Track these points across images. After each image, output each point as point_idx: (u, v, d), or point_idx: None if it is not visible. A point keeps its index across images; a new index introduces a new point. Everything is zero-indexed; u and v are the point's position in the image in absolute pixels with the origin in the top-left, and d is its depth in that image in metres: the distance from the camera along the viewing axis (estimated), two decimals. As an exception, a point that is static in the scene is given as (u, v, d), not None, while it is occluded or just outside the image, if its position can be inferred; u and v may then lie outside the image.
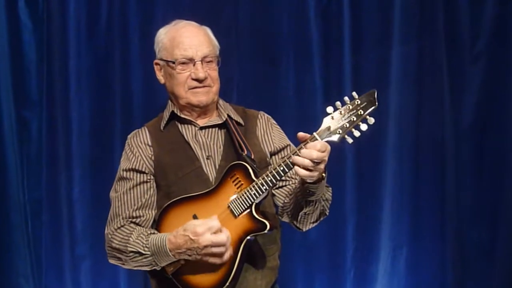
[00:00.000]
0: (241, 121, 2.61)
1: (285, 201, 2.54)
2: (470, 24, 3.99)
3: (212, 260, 2.36)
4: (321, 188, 2.38)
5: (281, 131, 2.68)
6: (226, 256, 2.36)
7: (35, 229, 3.93)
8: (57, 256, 3.93)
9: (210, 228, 2.33)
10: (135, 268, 2.49)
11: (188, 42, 2.53)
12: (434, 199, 4.03)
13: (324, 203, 2.50)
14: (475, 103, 4.02)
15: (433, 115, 4.00)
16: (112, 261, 2.54)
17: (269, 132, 2.63)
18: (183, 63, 2.52)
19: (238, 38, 3.94)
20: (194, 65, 2.51)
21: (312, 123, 4.18)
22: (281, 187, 2.58)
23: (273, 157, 2.60)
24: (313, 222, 2.53)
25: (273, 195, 2.58)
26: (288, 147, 2.62)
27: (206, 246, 2.33)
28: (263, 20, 3.95)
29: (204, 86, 2.53)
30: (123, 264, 2.49)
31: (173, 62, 2.53)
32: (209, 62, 2.54)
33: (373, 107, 2.28)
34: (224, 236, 2.33)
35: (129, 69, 3.92)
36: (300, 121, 3.84)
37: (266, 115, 2.69)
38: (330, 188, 2.53)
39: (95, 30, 3.91)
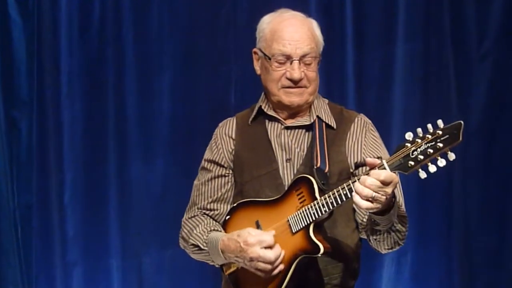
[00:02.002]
0: (333, 123, 2.46)
1: (364, 219, 2.38)
2: (477, 22, 3.95)
3: (258, 273, 2.30)
4: (386, 220, 2.21)
5: (377, 140, 2.48)
6: (274, 273, 2.29)
7: (25, 235, 3.90)
8: (48, 263, 3.91)
9: (261, 242, 2.27)
10: (200, 260, 2.50)
11: (288, 37, 2.41)
12: (440, 203, 3.99)
13: (394, 235, 2.31)
14: (482, 104, 3.98)
15: (439, 116, 3.75)
16: (182, 247, 2.56)
17: (360, 140, 2.45)
18: (280, 60, 2.41)
19: (236, 37, 3.90)
20: (291, 63, 2.40)
21: None
22: None
23: (360, 168, 2.36)
24: (388, 249, 2.38)
25: (354, 210, 2.42)
26: (380, 160, 2.33)
27: (252, 259, 2.28)
28: (262, 17, 3.81)
29: (298, 87, 2.41)
30: (190, 254, 2.52)
31: (269, 58, 2.42)
32: (308, 62, 2.42)
33: (455, 142, 2.05)
34: (272, 254, 2.26)
35: (123, 68, 3.91)
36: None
37: (364, 118, 2.51)
38: (406, 219, 2.33)
39: (88, 27, 3.90)
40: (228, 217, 2.46)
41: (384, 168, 2.07)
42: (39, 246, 3.89)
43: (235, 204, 2.46)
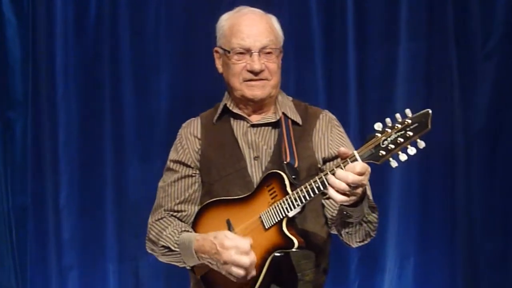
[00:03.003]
0: (299, 120, 2.51)
1: (333, 214, 2.43)
2: (481, 20, 3.93)
3: (229, 277, 2.31)
4: (358, 211, 2.26)
5: (343, 135, 2.55)
6: (245, 279, 2.30)
7: (20, 238, 3.88)
8: (43, 266, 3.89)
9: (237, 247, 2.28)
10: (168, 262, 2.50)
11: (246, 31, 2.45)
12: (443, 206, 3.98)
13: (366, 226, 2.36)
14: (486, 105, 3.96)
15: (442, 117, 3.90)
16: (149, 251, 2.56)
17: (327, 135, 2.51)
18: (240, 53, 2.45)
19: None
20: (250, 56, 2.44)
21: None
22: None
23: (327, 164, 2.47)
24: (359, 242, 2.42)
25: (323, 205, 2.48)
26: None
27: (226, 263, 2.29)
28: None
29: (260, 79, 2.45)
30: (158, 256, 2.52)
31: (229, 52, 2.46)
32: (268, 53, 2.45)
33: (424, 131, 2.10)
34: (248, 260, 2.27)
35: (120, 68, 3.89)
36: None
37: (329, 114, 2.58)
38: (376, 210, 2.40)
39: (84, 26, 3.88)
40: (197, 217, 2.47)
41: (356, 160, 2.13)
42: (34, 249, 3.87)
43: (204, 204, 2.46)
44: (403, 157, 2.11)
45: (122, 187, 3.90)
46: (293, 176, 2.35)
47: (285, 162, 2.38)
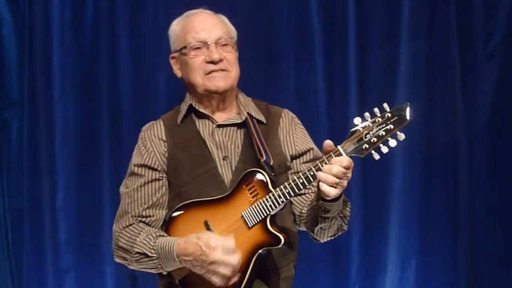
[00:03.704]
0: (263, 119, 2.54)
1: (302, 211, 2.49)
2: (484, 19, 3.94)
3: (214, 279, 2.30)
4: (337, 206, 2.32)
5: (305, 132, 2.62)
6: (231, 281, 2.31)
7: (16, 240, 3.87)
8: (40, 269, 3.87)
9: (223, 246, 2.28)
10: (141, 270, 2.45)
11: (200, 26, 2.50)
12: (445, 207, 3.97)
13: (341, 220, 2.44)
14: (489, 104, 3.96)
15: (444, 116, 3.95)
16: (118, 260, 2.49)
17: (291, 133, 2.56)
18: (197, 47, 2.47)
19: (235, 35, 3.88)
20: (207, 48, 2.47)
21: (314, 126, 4.08)
22: (300, 195, 2.50)
23: (294, 161, 2.54)
24: (331, 236, 2.48)
25: (291, 202, 2.52)
26: (311, 151, 2.56)
27: (214, 262, 2.27)
28: (261, 15, 3.93)
29: (221, 70, 2.47)
30: (129, 264, 2.46)
31: (185, 47, 2.49)
32: (224, 45, 2.49)
33: (404, 123, 2.21)
34: (235, 259, 2.28)
35: (118, 67, 3.89)
36: (302, 123, 3.68)
37: (290, 113, 2.63)
38: (349, 204, 2.47)
39: (81, 25, 3.88)
40: (171, 221, 2.44)
41: (340, 154, 2.22)
42: (30, 251, 3.85)
43: (177, 207, 2.43)
44: (384, 149, 2.22)
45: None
46: (273, 174, 2.38)
47: (262, 160, 2.40)
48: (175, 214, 2.43)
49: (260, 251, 2.33)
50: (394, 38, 3.93)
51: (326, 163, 2.22)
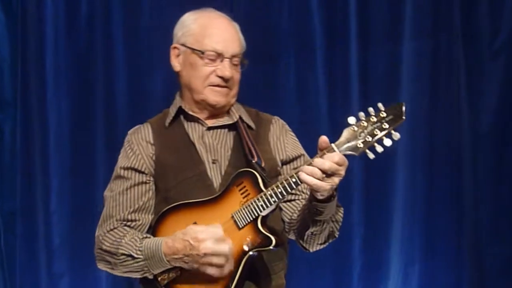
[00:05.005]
0: (252, 124, 2.56)
1: (293, 217, 2.49)
2: (489, 17, 3.93)
3: (210, 271, 2.29)
4: (330, 208, 2.31)
5: (296, 139, 2.64)
6: (227, 269, 2.30)
7: (8, 243, 3.85)
8: (33, 274, 3.86)
9: (212, 236, 2.28)
10: (125, 274, 2.43)
11: (220, 35, 2.48)
12: (449, 211, 3.96)
13: (333, 225, 2.43)
14: (494, 104, 3.95)
15: (448, 118, 3.94)
16: (101, 265, 2.47)
17: (282, 139, 2.58)
18: (211, 57, 2.46)
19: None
20: (221, 61, 2.47)
21: (314, 126, 3.99)
22: (290, 201, 2.52)
23: (284, 166, 2.55)
24: (321, 244, 2.48)
25: (281, 209, 2.53)
26: (302, 157, 2.57)
27: (206, 254, 2.27)
28: (260, 12, 3.91)
29: (225, 87, 2.49)
30: (112, 268, 2.44)
31: (202, 53, 2.46)
32: (235, 63, 2.50)
33: (399, 122, 2.23)
34: (227, 246, 2.28)
35: (112, 67, 3.88)
36: (302, 124, 3.72)
37: (281, 120, 2.65)
38: (342, 209, 2.46)
39: (75, 23, 3.87)
40: (158, 224, 2.42)
41: (334, 151, 2.23)
42: (23, 256, 3.85)
43: (164, 210, 2.42)
44: (379, 148, 2.22)
45: (115, 191, 3.86)
46: (264, 174, 2.38)
47: (253, 161, 2.41)
48: (162, 217, 2.42)
49: (250, 252, 2.31)
50: (397, 37, 3.93)
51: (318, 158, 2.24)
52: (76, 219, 3.82)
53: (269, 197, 2.29)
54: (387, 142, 2.22)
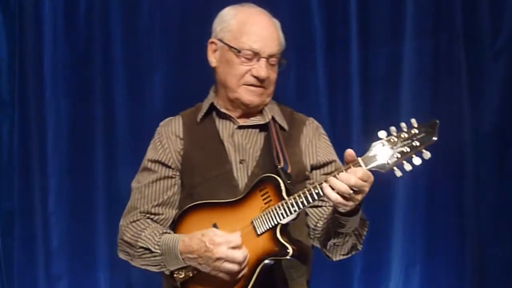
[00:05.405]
0: (285, 125, 2.52)
1: (318, 224, 2.46)
2: (490, 17, 3.92)
3: (222, 276, 2.29)
4: (352, 222, 2.27)
5: (329, 143, 2.59)
6: (239, 276, 2.29)
7: (6, 245, 3.86)
8: (31, 276, 3.86)
9: (229, 242, 2.27)
10: (143, 267, 2.45)
11: (259, 33, 2.43)
12: (451, 211, 3.95)
13: (355, 238, 2.39)
14: (496, 105, 3.94)
15: (450, 118, 3.87)
16: (121, 255, 2.51)
17: (314, 142, 2.53)
18: (247, 55, 2.43)
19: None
20: (258, 60, 2.43)
21: None
22: (317, 207, 2.48)
23: (314, 171, 2.51)
24: (343, 255, 2.44)
25: (306, 214, 2.50)
26: (334, 163, 2.52)
27: (219, 259, 2.27)
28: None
29: (260, 87, 2.46)
30: (132, 260, 2.47)
31: (239, 51, 2.43)
32: (272, 63, 2.47)
33: (431, 141, 2.16)
34: (241, 254, 2.27)
35: (111, 67, 3.88)
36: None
37: (315, 122, 2.60)
38: (367, 223, 2.42)
39: (73, 23, 3.88)
40: (180, 220, 2.43)
41: (360, 166, 2.16)
42: (21, 257, 3.85)
43: (188, 207, 2.42)
44: (407, 167, 2.16)
45: (114, 191, 3.84)
46: (288, 181, 2.34)
47: (279, 167, 2.37)
48: (184, 213, 2.42)
49: (266, 261, 2.28)
50: (398, 36, 3.92)
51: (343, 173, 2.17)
52: (74, 220, 3.84)
53: (290, 206, 2.26)
54: (417, 161, 2.15)
